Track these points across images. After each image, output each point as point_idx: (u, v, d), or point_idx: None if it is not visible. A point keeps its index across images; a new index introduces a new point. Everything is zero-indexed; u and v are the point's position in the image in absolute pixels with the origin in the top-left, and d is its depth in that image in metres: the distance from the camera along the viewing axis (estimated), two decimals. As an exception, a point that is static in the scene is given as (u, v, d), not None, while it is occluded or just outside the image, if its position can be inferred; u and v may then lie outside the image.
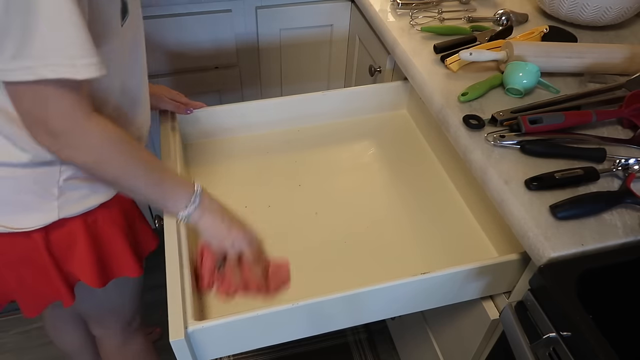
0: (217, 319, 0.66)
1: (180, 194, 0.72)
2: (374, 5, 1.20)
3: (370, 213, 0.92)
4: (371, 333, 1.55)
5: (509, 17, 1.13)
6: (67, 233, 0.76)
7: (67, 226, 0.75)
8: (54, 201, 0.72)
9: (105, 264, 0.83)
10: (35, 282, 0.80)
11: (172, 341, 0.64)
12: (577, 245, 0.67)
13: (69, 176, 0.72)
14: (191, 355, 0.67)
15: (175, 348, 0.65)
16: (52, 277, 0.79)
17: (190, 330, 0.65)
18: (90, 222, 0.77)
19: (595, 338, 0.57)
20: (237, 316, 0.67)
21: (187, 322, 0.66)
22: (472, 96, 0.90)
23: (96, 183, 0.75)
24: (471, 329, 0.89)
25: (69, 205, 0.74)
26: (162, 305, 1.31)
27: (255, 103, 1.05)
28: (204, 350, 0.69)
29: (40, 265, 0.78)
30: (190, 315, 0.67)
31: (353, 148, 1.06)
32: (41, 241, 0.75)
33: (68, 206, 0.74)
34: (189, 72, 1.37)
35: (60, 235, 0.76)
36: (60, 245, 0.77)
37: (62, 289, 0.81)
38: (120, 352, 1.08)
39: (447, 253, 0.85)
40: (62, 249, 0.78)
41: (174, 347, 0.65)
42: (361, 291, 0.70)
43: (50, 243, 0.76)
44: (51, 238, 0.76)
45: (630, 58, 0.97)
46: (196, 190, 0.74)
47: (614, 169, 0.78)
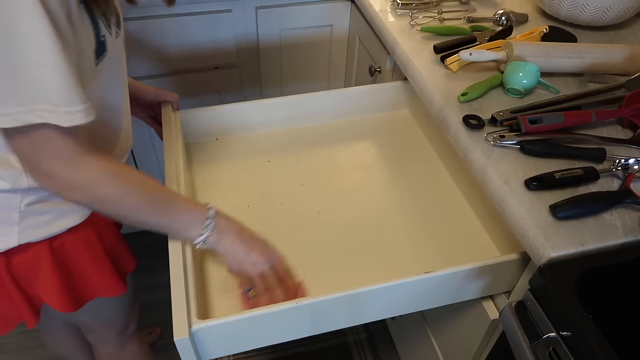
0: (221, 318, 0.66)
1: (192, 221, 0.70)
2: (374, 5, 1.20)
3: (371, 213, 0.92)
4: (371, 333, 1.55)
5: (509, 17, 1.13)
6: (30, 257, 0.74)
7: (30, 251, 0.73)
8: (15, 226, 0.70)
9: (76, 287, 0.81)
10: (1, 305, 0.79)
11: (177, 340, 0.64)
12: (577, 245, 0.67)
13: (31, 201, 0.69)
14: (195, 354, 0.67)
15: (179, 347, 0.65)
16: (16, 300, 0.78)
17: (194, 329, 0.65)
18: (56, 246, 0.75)
19: (595, 338, 0.57)
20: (240, 315, 0.67)
21: (191, 321, 0.66)
22: (472, 96, 0.90)
23: (63, 207, 0.73)
24: (471, 329, 0.89)
25: (31, 231, 0.72)
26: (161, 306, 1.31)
27: (255, 103, 1.05)
28: (207, 349, 0.69)
29: (2, 288, 0.76)
30: (194, 314, 0.67)
31: (353, 148, 1.06)
32: (2, 265, 0.73)
33: (30, 231, 0.71)
34: (189, 72, 1.37)
35: (22, 259, 0.74)
36: (24, 270, 0.75)
37: (25, 312, 0.80)
38: (115, 358, 1.07)
39: (448, 253, 0.85)
40: (25, 273, 0.76)
41: (178, 346, 0.65)
42: (362, 291, 0.70)
43: (12, 267, 0.74)
44: (13, 262, 0.73)
45: (630, 58, 0.97)
46: (209, 214, 0.71)
47: (614, 169, 0.78)
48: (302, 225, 0.90)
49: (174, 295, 0.68)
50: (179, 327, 0.64)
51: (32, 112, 0.55)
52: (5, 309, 0.80)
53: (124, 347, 1.07)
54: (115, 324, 1.00)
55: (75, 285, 0.81)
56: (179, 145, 0.92)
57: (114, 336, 1.03)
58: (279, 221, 0.90)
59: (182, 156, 0.91)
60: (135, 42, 1.26)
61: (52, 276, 0.77)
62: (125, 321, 1.02)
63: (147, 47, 1.28)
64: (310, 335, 0.75)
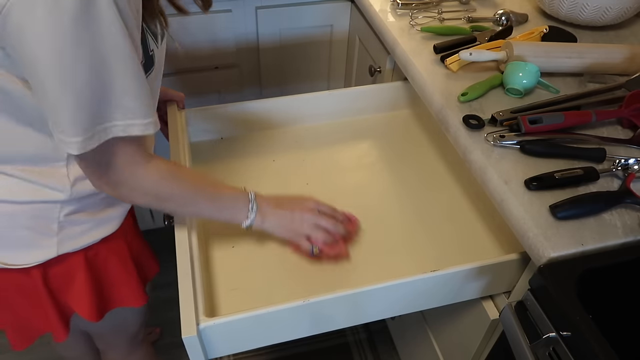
0: (228, 316, 0.67)
1: (239, 207, 0.75)
2: (374, 5, 1.20)
3: (371, 213, 0.92)
4: (371, 333, 1.55)
5: (509, 17, 1.13)
6: (66, 268, 0.75)
7: (66, 261, 0.74)
8: (53, 237, 0.71)
9: (105, 296, 0.82)
10: (29, 316, 0.79)
11: (185, 337, 0.64)
12: (577, 245, 0.67)
13: (70, 211, 0.70)
14: (202, 352, 0.68)
15: (187, 344, 0.66)
16: (48, 312, 0.78)
17: (202, 326, 0.66)
18: (90, 256, 0.76)
19: (595, 338, 0.57)
20: (248, 313, 0.67)
21: (199, 319, 0.66)
22: (472, 96, 0.90)
23: (99, 217, 0.74)
24: (471, 329, 0.89)
25: (69, 241, 0.72)
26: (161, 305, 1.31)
27: (255, 103, 1.05)
28: (214, 346, 0.70)
29: (37, 300, 0.76)
30: (202, 312, 0.67)
31: (353, 148, 1.06)
32: (39, 277, 0.73)
33: (68, 242, 0.72)
34: (189, 72, 1.37)
35: (59, 270, 0.74)
36: (59, 280, 0.76)
37: (56, 324, 0.80)
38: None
39: (448, 253, 0.85)
40: (60, 284, 0.76)
41: (186, 344, 0.65)
42: (362, 291, 0.70)
43: (48, 278, 0.75)
44: (50, 273, 0.74)
45: (630, 58, 0.97)
46: (251, 198, 0.75)
47: (614, 169, 0.78)
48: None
49: (182, 293, 0.68)
50: (187, 325, 0.65)
51: (115, 127, 0.57)
52: (36, 320, 0.80)
53: (133, 353, 1.06)
54: (129, 332, 1.01)
55: (104, 295, 0.82)
56: (185, 144, 0.92)
57: (125, 343, 1.03)
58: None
59: (187, 155, 0.91)
60: (135, 42, 1.26)
61: (85, 286, 0.77)
62: (138, 328, 1.02)
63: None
64: (311, 334, 0.75)
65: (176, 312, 0.64)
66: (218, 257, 0.84)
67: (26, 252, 0.71)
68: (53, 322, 0.80)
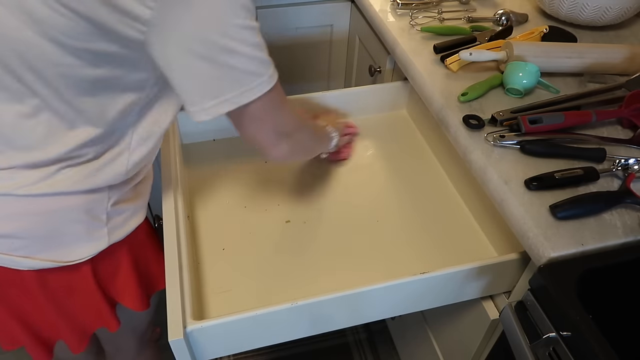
0: (216, 319, 0.66)
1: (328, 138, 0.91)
2: (374, 5, 1.20)
3: (370, 213, 0.92)
4: (371, 333, 1.55)
5: (509, 17, 1.13)
6: (113, 259, 0.76)
7: (113, 252, 0.75)
8: (104, 228, 0.71)
9: (145, 283, 0.83)
10: (83, 314, 0.79)
11: (171, 341, 0.64)
12: (577, 245, 0.67)
13: (115, 200, 0.71)
14: (190, 355, 0.67)
15: (174, 348, 0.65)
16: (99, 305, 0.79)
17: (189, 329, 0.65)
18: (132, 244, 0.77)
19: (595, 338, 0.57)
20: (236, 316, 0.67)
21: (186, 322, 0.66)
22: (472, 96, 0.90)
23: (136, 204, 0.75)
24: (471, 329, 0.89)
25: (116, 230, 0.73)
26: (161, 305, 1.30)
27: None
28: (203, 350, 0.69)
29: (88, 296, 0.77)
30: (189, 315, 0.67)
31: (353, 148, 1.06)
32: (89, 271, 0.74)
33: (115, 231, 0.73)
34: (189, 72, 1.36)
35: (107, 262, 0.75)
36: (107, 272, 0.76)
37: (109, 316, 0.81)
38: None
39: (447, 253, 0.85)
40: (108, 275, 0.77)
41: (172, 347, 0.65)
42: (361, 291, 0.70)
43: (97, 271, 0.75)
44: (99, 267, 0.75)
45: (630, 58, 0.97)
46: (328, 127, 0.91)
47: (614, 169, 0.78)
48: (300, 225, 0.90)
49: (169, 296, 0.68)
50: (173, 328, 0.64)
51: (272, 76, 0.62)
52: (88, 316, 0.80)
53: (141, 353, 1.06)
54: (140, 329, 1.00)
55: (144, 282, 0.83)
56: (176, 145, 0.92)
57: (134, 343, 1.02)
58: (276, 222, 0.90)
59: (179, 157, 0.91)
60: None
61: (130, 275, 0.79)
62: (147, 326, 1.02)
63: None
64: (309, 335, 0.75)
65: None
66: (208, 259, 0.84)
67: (80, 246, 0.71)
68: (105, 313, 0.80)
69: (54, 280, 0.73)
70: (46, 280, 0.72)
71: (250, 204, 0.93)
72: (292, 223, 0.90)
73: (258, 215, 0.91)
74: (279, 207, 0.93)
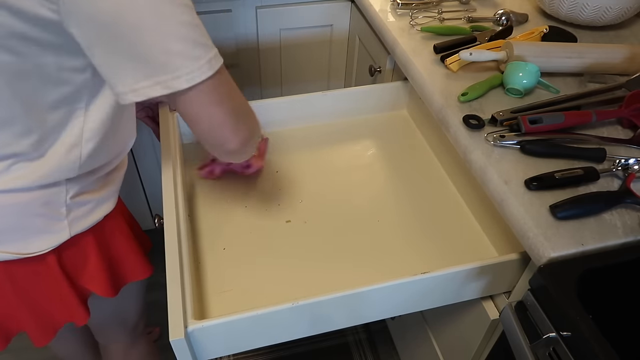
0: (217, 319, 0.66)
1: None
2: (374, 5, 1.20)
3: (370, 213, 0.92)
4: (371, 333, 1.55)
5: (509, 17, 1.13)
6: (79, 249, 0.76)
7: (78, 242, 0.76)
8: (64, 220, 0.72)
9: (116, 272, 0.84)
10: (49, 306, 0.80)
11: (172, 340, 0.64)
12: (577, 245, 0.67)
13: (74, 193, 0.71)
14: (191, 355, 0.67)
15: (175, 347, 0.65)
16: (67, 297, 0.79)
17: (190, 329, 0.65)
18: (98, 234, 0.78)
19: (595, 338, 0.57)
20: (237, 315, 0.67)
21: (187, 322, 0.66)
22: (472, 96, 0.90)
23: (100, 195, 0.75)
24: (471, 329, 0.89)
25: (78, 222, 0.74)
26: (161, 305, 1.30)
27: (255, 103, 1.04)
28: (203, 349, 0.69)
29: (54, 287, 0.77)
30: (190, 314, 0.67)
31: (353, 148, 1.06)
32: (54, 262, 0.74)
33: (77, 223, 0.73)
34: (189, 72, 1.36)
35: (72, 252, 0.76)
36: (73, 262, 0.77)
37: (77, 308, 0.81)
38: (125, 357, 1.07)
39: (447, 253, 0.85)
40: (74, 266, 0.78)
41: (173, 347, 0.65)
42: (361, 291, 0.70)
43: (63, 262, 0.76)
44: (64, 257, 0.75)
45: (630, 58, 0.97)
46: None
47: (614, 169, 0.78)
48: (299, 225, 0.90)
49: (170, 296, 0.68)
50: (174, 328, 0.64)
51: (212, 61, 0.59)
52: (54, 308, 0.81)
53: (133, 346, 1.07)
54: (130, 321, 1.01)
55: (115, 270, 0.83)
56: (176, 145, 0.92)
57: (125, 334, 1.03)
58: (277, 222, 0.90)
59: (179, 156, 0.91)
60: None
61: (99, 263, 0.79)
62: (138, 318, 1.03)
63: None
64: (309, 335, 0.75)
65: (175, 313, 0.64)
66: (209, 259, 0.84)
67: (41, 239, 0.71)
68: (73, 306, 0.81)
69: (20, 271, 0.74)
70: (12, 271, 0.73)
71: (250, 203, 0.93)
72: (292, 223, 0.90)
73: (258, 215, 0.91)
74: (279, 207, 0.93)
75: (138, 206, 1.57)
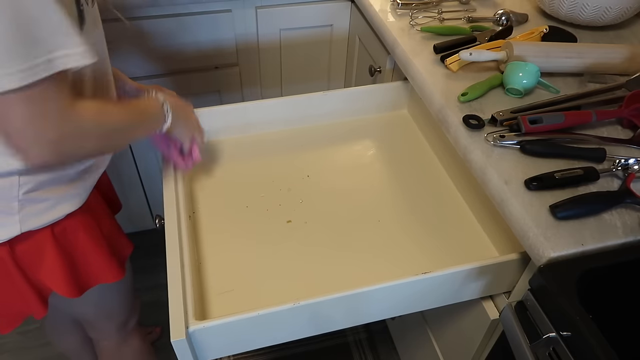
0: (218, 319, 0.66)
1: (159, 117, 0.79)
2: (374, 5, 1.20)
3: (370, 213, 0.92)
4: (371, 333, 1.55)
5: (509, 17, 1.13)
6: (33, 244, 0.75)
7: (33, 238, 0.75)
8: (15, 215, 0.71)
9: (79, 272, 0.82)
10: (5, 297, 0.79)
11: (174, 341, 0.64)
12: (577, 245, 0.67)
13: (28, 189, 0.71)
14: (192, 355, 0.67)
15: (176, 348, 0.65)
16: (22, 290, 0.79)
17: (191, 330, 0.65)
18: (57, 232, 0.76)
19: (595, 338, 0.57)
20: (238, 316, 0.67)
21: (188, 322, 0.66)
22: (472, 96, 0.90)
23: (60, 194, 0.74)
24: (471, 329, 0.89)
25: (32, 218, 0.73)
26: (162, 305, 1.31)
27: (255, 103, 1.05)
28: (204, 350, 0.69)
29: (9, 279, 0.77)
30: (192, 315, 0.67)
31: (353, 148, 1.06)
32: (6, 254, 0.74)
33: (31, 219, 0.73)
34: (189, 72, 1.36)
35: (26, 247, 0.75)
36: (28, 257, 0.76)
37: (33, 302, 0.80)
38: (116, 353, 1.07)
39: (447, 253, 0.85)
40: (30, 261, 0.77)
41: (175, 347, 0.65)
42: (361, 291, 0.70)
43: (16, 256, 0.75)
44: (17, 251, 0.75)
45: (630, 58, 0.97)
46: (165, 107, 0.80)
47: (614, 169, 0.78)
48: (299, 225, 0.90)
49: (171, 296, 0.68)
50: (175, 328, 0.65)
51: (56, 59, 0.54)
52: (13, 300, 0.80)
53: (125, 342, 1.07)
54: (116, 317, 1.01)
55: (78, 271, 0.82)
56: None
57: (115, 331, 1.03)
58: (278, 222, 0.90)
59: None
60: (136, 42, 1.26)
61: (56, 262, 0.78)
62: (126, 315, 1.02)
63: (147, 47, 1.28)
64: (309, 335, 0.75)
65: (175, 313, 0.64)
66: (210, 260, 0.84)
67: None
68: (29, 299, 0.80)
69: None
70: None
71: (251, 203, 0.93)
72: (293, 223, 0.90)
73: (259, 215, 0.91)
74: (280, 207, 0.93)
75: (138, 206, 1.57)
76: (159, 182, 1.52)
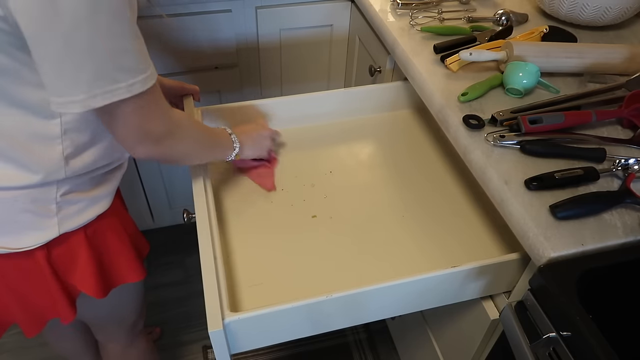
0: (253, 311, 0.67)
1: (227, 146, 0.86)
2: (374, 5, 1.20)
3: (370, 213, 0.92)
4: (371, 333, 1.55)
5: (509, 17, 1.13)
6: (68, 247, 0.76)
7: (68, 240, 0.76)
8: (53, 217, 0.72)
9: (107, 273, 0.84)
10: (37, 300, 0.80)
11: (211, 332, 0.65)
12: (577, 245, 0.67)
13: (65, 191, 0.72)
14: (227, 346, 0.68)
15: (213, 339, 0.66)
16: (54, 293, 0.79)
17: (226, 321, 0.66)
18: (90, 233, 0.78)
19: (595, 338, 0.57)
20: (272, 308, 0.68)
21: (224, 314, 0.66)
22: (472, 96, 0.90)
23: (93, 195, 0.75)
24: (471, 329, 0.89)
25: (68, 220, 0.74)
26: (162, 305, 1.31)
27: (255, 103, 1.05)
28: (238, 341, 0.70)
29: (42, 282, 0.77)
30: (227, 306, 0.67)
31: (353, 148, 1.06)
32: (43, 258, 0.75)
33: (67, 221, 0.74)
34: (189, 72, 1.37)
35: (62, 250, 0.76)
36: (63, 260, 0.77)
37: (64, 305, 0.81)
38: (123, 355, 1.08)
39: (447, 253, 0.85)
40: (64, 264, 0.78)
41: (212, 338, 0.66)
42: (361, 291, 0.70)
43: (52, 259, 0.76)
44: (53, 254, 0.75)
45: (630, 58, 0.97)
46: (233, 137, 0.87)
47: (614, 169, 0.78)
48: (302, 225, 0.90)
49: (207, 288, 0.69)
50: (212, 319, 0.65)
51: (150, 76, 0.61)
52: (44, 305, 0.81)
53: (132, 344, 1.07)
54: (127, 319, 1.01)
55: (106, 271, 0.83)
56: None
57: (124, 333, 1.03)
58: (303, 216, 0.91)
59: None
60: (135, 42, 1.26)
61: (88, 263, 0.79)
62: (136, 317, 1.03)
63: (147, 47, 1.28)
64: (341, 328, 0.75)
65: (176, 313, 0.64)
66: (238, 254, 0.84)
67: (29, 235, 0.72)
68: (60, 303, 0.81)
69: (8, 265, 0.74)
70: (1, 265, 0.74)
71: (276, 199, 0.94)
72: (292, 223, 0.90)
73: (284, 210, 0.91)
74: (304, 203, 0.93)
75: (138, 206, 1.57)
76: (159, 182, 1.52)
